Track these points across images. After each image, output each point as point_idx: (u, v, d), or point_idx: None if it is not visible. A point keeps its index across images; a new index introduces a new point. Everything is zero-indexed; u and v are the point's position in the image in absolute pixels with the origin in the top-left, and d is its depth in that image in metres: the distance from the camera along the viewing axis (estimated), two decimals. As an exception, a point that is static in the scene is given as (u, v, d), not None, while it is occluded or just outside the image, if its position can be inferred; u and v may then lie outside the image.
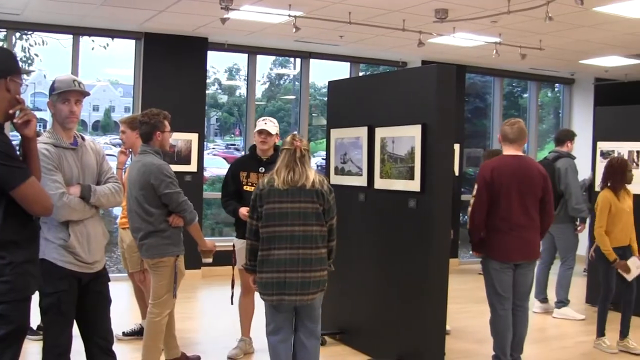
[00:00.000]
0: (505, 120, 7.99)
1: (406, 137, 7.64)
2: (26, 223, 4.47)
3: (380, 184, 8.09)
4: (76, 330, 5.38)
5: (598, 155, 11.54)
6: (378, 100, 8.30)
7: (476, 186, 7.54)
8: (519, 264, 7.52)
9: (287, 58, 16.90)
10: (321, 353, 6.56)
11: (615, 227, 8.71)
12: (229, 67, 17.25)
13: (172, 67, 13.03)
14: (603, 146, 11.48)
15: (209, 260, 7.51)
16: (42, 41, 13.67)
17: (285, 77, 18.41)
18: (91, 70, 16.36)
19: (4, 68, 4.39)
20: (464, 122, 16.41)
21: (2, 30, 12.69)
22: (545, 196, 7.56)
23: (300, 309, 6.28)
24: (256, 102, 15.11)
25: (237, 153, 17.96)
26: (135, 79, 13.32)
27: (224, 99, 18.35)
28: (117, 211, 10.39)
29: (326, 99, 9.86)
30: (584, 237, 11.75)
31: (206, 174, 14.79)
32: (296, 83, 15.90)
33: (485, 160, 9.18)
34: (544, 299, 11.03)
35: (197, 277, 12.56)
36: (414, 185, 7.54)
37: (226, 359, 8.16)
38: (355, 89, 9.12)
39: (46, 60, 14.27)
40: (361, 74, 15.74)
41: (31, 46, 14.04)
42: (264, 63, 17.36)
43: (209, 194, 14.45)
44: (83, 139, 5.49)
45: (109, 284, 5.62)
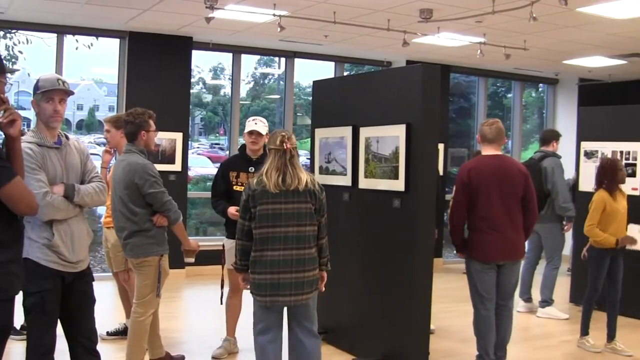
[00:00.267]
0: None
1: (390, 137, 7.64)
2: (11, 222, 4.46)
3: (364, 183, 8.10)
4: (60, 330, 5.37)
5: (582, 155, 11.58)
6: (362, 100, 8.30)
7: (454, 187, 7.56)
8: (502, 264, 7.52)
9: (272, 57, 16.89)
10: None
11: (610, 227, 8.69)
12: (213, 66, 17.24)
13: (156, 66, 13.01)
14: (587, 146, 11.51)
15: (192, 260, 7.50)
16: (27, 40, 13.66)
17: (270, 77, 18.41)
18: (75, 69, 16.33)
19: None
20: (449, 122, 16.44)
21: (-14, 28, 12.67)
22: (527, 195, 7.53)
23: (295, 309, 6.25)
24: (241, 102, 15.09)
25: (222, 152, 17.95)
26: (120, 78, 13.29)
27: (208, 98, 18.33)
28: (101, 210, 10.37)
29: (311, 98, 9.87)
30: (567, 236, 11.77)
31: (190, 173, 14.78)
32: (281, 82, 15.89)
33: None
34: (528, 299, 11.05)
35: (181, 276, 12.54)
36: (399, 185, 7.55)
37: (210, 358, 8.16)
38: (340, 88, 9.12)
39: (30, 59, 14.26)
40: (346, 73, 15.75)
41: (15, 45, 14.05)
42: (249, 62, 17.38)
43: (193, 193, 14.45)
44: (67, 138, 5.48)
45: (93, 283, 5.61)
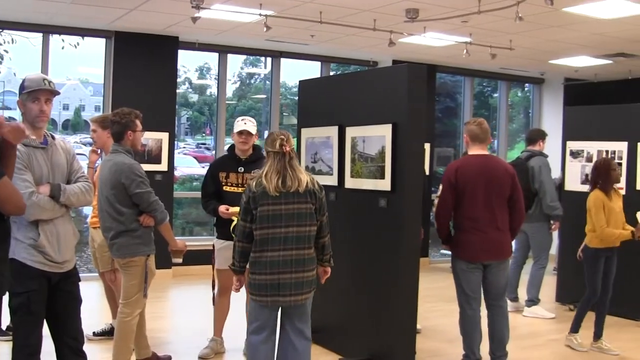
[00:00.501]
0: (467, 120, 7.99)
1: (377, 137, 7.65)
2: (-2, 222, 4.46)
3: (350, 183, 8.10)
4: (46, 330, 5.36)
5: (567, 155, 11.61)
6: (349, 99, 8.31)
7: (441, 187, 7.57)
8: (489, 264, 7.53)
9: (258, 57, 16.90)
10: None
11: (611, 226, 8.68)
12: (199, 66, 17.25)
13: (142, 66, 13.00)
14: (572, 146, 11.55)
15: (179, 261, 7.50)
16: (12, 39, 13.60)
17: (256, 76, 18.41)
18: (61, 68, 16.32)
19: None
20: (435, 122, 16.44)
21: (-29, 28, 12.63)
22: (513, 195, 7.56)
23: (291, 309, 6.25)
24: (227, 102, 15.07)
25: (208, 152, 17.96)
26: (106, 78, 13.26)
27: (194, 98, 18.33)
28: (87, 210, 10.34)
29: (297, 98, 9.87)
30: (555, 235, 11.80)
31: (177, 173, 14.77)
32: (267, 82, 15.89)
33: None
34: (515, 298, 11.07)
35: (167, 276, 12.53)
36: (385, 185, 7.56)
37: (197, 358, 8.16)
38: (326, 88, 9.13)
39: (16, 58, 14.23)
40: (332, 73, 15.75)
41: (0, 44, 13.99)
42: (235, 62, 17.41)
43: (179, 193, 14.45)
44: (53, 138, 5.47)
45: (80, 283, 5.60)
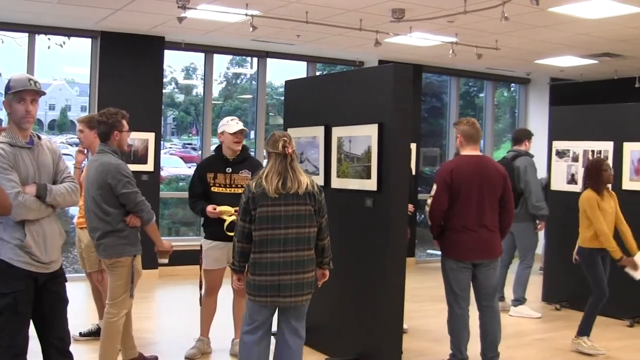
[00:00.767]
0: (457, 120, 7.99)
1: (363, 137, 7.66)
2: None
3: (337, 183, 8.10)
4: (33, 331, 5.36)
5: (553, 155, 11.64)
6: (335, 99, 8.32)
7: (435, 186, 7.56)
8: (479, 263, 7.56)
9: (244, 57, 16.87)
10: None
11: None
12: (185, 66, 17.21)
13: (128, 66, 12.98)
14: (558, 145, 11.58)
15: (165, 261, 7.49)
16: (-1, 39, 13.58)
17: (242, 77, 18.38)
18: (47, 68, 16.23)
19: None
20: (421, 122, 16.45)
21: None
22: (505, 195, 7.61)
23: (288, 309, 6.27)
24: (213, 102, 15.06)
25: (194, 152, 17.93)
26: (92, 78, 13.24)
27: (180, 98, 18.29)
28: (74, 211, 10.32)
29: (283, 98, 9.87)
30: (541, 235, 11.83)
31: (163, 173, 14.76)
32: (253, 82, 15.88)
33: None
34: (501, 297, 11.06)
35: (154, 277, 12.52)
36: (371, 185, 7.56)
37: (184, 359, 8.15)
38: (312, 88, 9.13)
39: (1, 58, 14.16)
40: (318, 73, 15.76)
41: (-14, 44, 13.95)
42: (221, 62, 17.34)
43: (165, 193, 14.43)
44: (39, 138, 5.47)
45: (66, 284, 5.60)
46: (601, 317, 9.05)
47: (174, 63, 16.42)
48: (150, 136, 13.04)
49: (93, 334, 8.57)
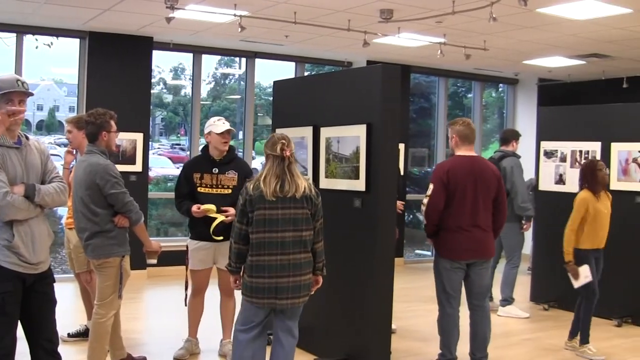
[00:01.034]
0: (451, 121, 8.00)
1: (351, 137, 7.66)
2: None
3: (325, 183, 8.10)
4: (20, 332, 5.35)
5: (542, 155, 11.67)
6: (323, 100, 8.32)
7: (431, 186, 7.56)
8: (472, 263, 7.60)
9: (233, 58, 16.85)
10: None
11: (595, 227, 8.68)
12: (174, 66, 17.16)
13: (117, 66, 12.97)
14: (546, 146, 11.61)
15: (154, 262, 7.47)
16: (-14, 40, 13.55)
17: (231, 77, 18.35)
18: (35, 69, 16.14)
19: None
20: (409, 122, 16.48)
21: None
22: (498, 196, 7.66)
23: (284, 310, 6.27)
24: (201, 102, 15.04)
25: (182, 153, 17.89)
26: (80, 79, 13.22)
27: (169, 98, 18.24)
28: (62, 211, 10.31)
29: (271, 98, 9.87)
30: (528, 236, 11.85)
31: (151, 173, 14.72)
32: (241, 83, 15.86)
33: None
34: (489, 298, 11.10)
35: (142, 277, 12.50)
36: (359, 185, 7.57)
37: (172, 359, 8.15)
38: (301, 88, 9.14)
39: (-11, 59, 14.14)
40: (306, 73, 15.76)
41: (-26, 45, 13.92)
42: (209, 62, 17.29)
43: (154, 194, 14.41)
44: (27, 138, 5.46)
45: (54, 284, 5.59)
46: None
47: (162, 63, 16.39)
48: (139, 136, 13.03)
49: (81, 334, 8.55)
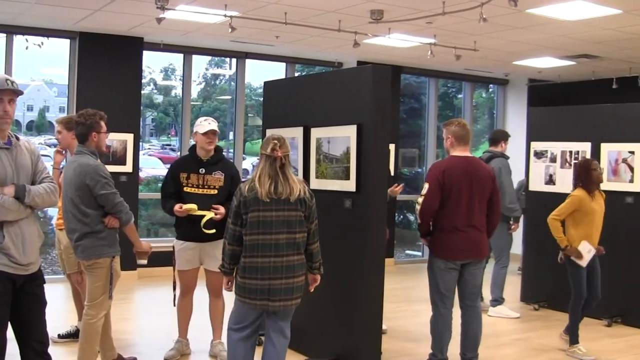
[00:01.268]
0: (446, 121, 8.00)
1: (342, 138, 7.67)
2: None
3: (316, 184, 8.10)
4: (10, 333, 5.34)
5: (532, 155, 11.70)
6: (313, 100, 8.32)
7: (427, 186, 7.57)
8: (467, 264, 7.62)
9: (223, 58, 16.84)
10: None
11: (590, 227, 8.68)
12: (164, 67, 17.15)
13: (107, 67, 12.95)
14: (536, 146, 11.64)
15: (144, 262, 7.46)
16: (-24, 40, 13.52)
17: (221, 77, 18.34)
18: (25, 69, 16.12)
19: None
20: (399, 123, 16.51)
21: None
22: (493, 197, 7.70)
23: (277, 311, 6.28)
24: (192, 102, 15.04)
25: (173, 153, 17.88)
26: (70, 79, 13.20)
27: (159, 99, 18.22)
28: (53, 212, 10.30)
29: (262, 99, 9.87)
30: (518, 236, 11.88)
31: (142, 174, 14.71)
32: (232, 83, 15.86)
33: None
34: (480, 298, 11.13)
35: (133, 278, 12.48)
36: (350, 186, 7.58)
37: (162, 360, 8.15)
38: (291, 89, 9.14)
39: (-21, 59, 14.11)
40: (297, 74, 15.77)
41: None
42: (200, 63, 17.29)
43: (144, 194, 14.39)
44: (17, 138, 5.44)
45: (44, 285, 5.57)
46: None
47: (152, 64, 16.39)
48: (129, 137, 13.01)
49: (72, 335, 8.53)
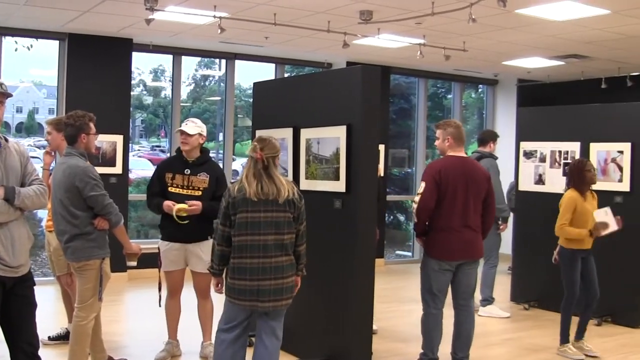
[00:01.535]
0: (442, 122, 8.00)
1: (331, 138, 7.67)
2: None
3: (305, 184, 8.10)
4: (0, 335, 5.33)
5: (521, 155, 11.72)
6: (303, 101, 8.33)
7: (423, 184, 7.57)
8: (461, 264, 7.64)
9: (213, 59, 16.83)
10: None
11: (583, 226, 8.61)
12: (154, 68, 17.13)
13: (96, 68, 12.93)
14: (526, 146, 11.66)
15: (134, 264, 7.44)
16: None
17: (211, 79, 18.33)
18: (14, 71, 16.10)
19: None
20: (389, 123, 16.52)
21: None
22: (488, 197, 7.76)
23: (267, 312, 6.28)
24: (181, 104, 15.03)
25: (163, 155, 17.86)
26: (59, 81, 13.17)
27: (149, 100, 18.21)
28: (42, 214, 10.28)
29: (251, 100, 9.87)
30: (508, 236, 11.89)
31: (131, 175, 14.68)
32: (221, 84, 15.85)
33: None
34: (470, 298, 11.16)
35: (123, 279, 12.46)
36: (340, 186, 7.58)
37: (153, 361, 8.14)
38: (280, 90, 9.15)
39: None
40: (286, 75, 15.77)
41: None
42: (189, 64, 17.26)
43: (134, 196, 14.36)
44: (7, 140, 5.43)
45: (34, 287, 5.57)
46: (575, 317, 9.05)
47: (142, 65, 16.37)
48: (119, 138, 13.00)
49: (62, 337, 8.52)
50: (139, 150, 18.97)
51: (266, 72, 15.72)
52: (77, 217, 6.83)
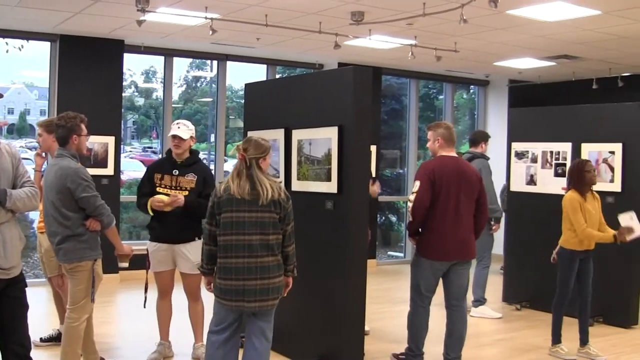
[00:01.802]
0: (433, 124, 8.02)
1: (323, 139, 7.68)
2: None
3: (297, 185, 8.11)
4: (-8, 336, 5.33)
5: (513, 156, 11.73)
6: (295, 102, 8.34)
7: (418, 183, 7.58)
8: (454, 264, 7.66)
9: (204, 60, 16.82)
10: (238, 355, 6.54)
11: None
12: (145, 69, 17.12)
13: (88, 69, 12.91)
14: (517, 147, 11.68)
15: (126, 265, 7.43)
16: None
17: (202, 80, 18.33)
18: (5, 72, 16.06)
19: None
20: (381, 124, 16.51)
21: None
22: (480, 198, 7.79)
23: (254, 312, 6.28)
24: (173, 105, 15.01)
25: (154, 156, 17.83)
26: (51, 82, 13.15)
27: (140, 101, 18.18)
28: (34, 215, 10.27)
29: (243, 101, 9.87)
30: (500, 236, 11.90)
31: (123, 177, 14.67)
32: (213, 85, 15.85)
33: None
34: (462, 298, 11.16)
35: (115, 281, 12.44)
36: (331, 187, 7.59)
37: (145, 363, 8.13)
38: (272, 91, 9.15)
39: (-41, 62, 14.05)
40: (278, 76, 15.77)
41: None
42: (181, 65, 17.25)
43: (126, 197, 14.35)
44: (-2, 142, 5.44)
45: (26, 289, 5.56)
46: (569, 318, 9.05)
47: (133, 66, 16.35)
48: (110, 140, 12.99)
49: (54, 339, 8.51)
50: (130, 151, 18.95)
51: (258, 73, 15.72)
52: (69, 219, 6.82)
